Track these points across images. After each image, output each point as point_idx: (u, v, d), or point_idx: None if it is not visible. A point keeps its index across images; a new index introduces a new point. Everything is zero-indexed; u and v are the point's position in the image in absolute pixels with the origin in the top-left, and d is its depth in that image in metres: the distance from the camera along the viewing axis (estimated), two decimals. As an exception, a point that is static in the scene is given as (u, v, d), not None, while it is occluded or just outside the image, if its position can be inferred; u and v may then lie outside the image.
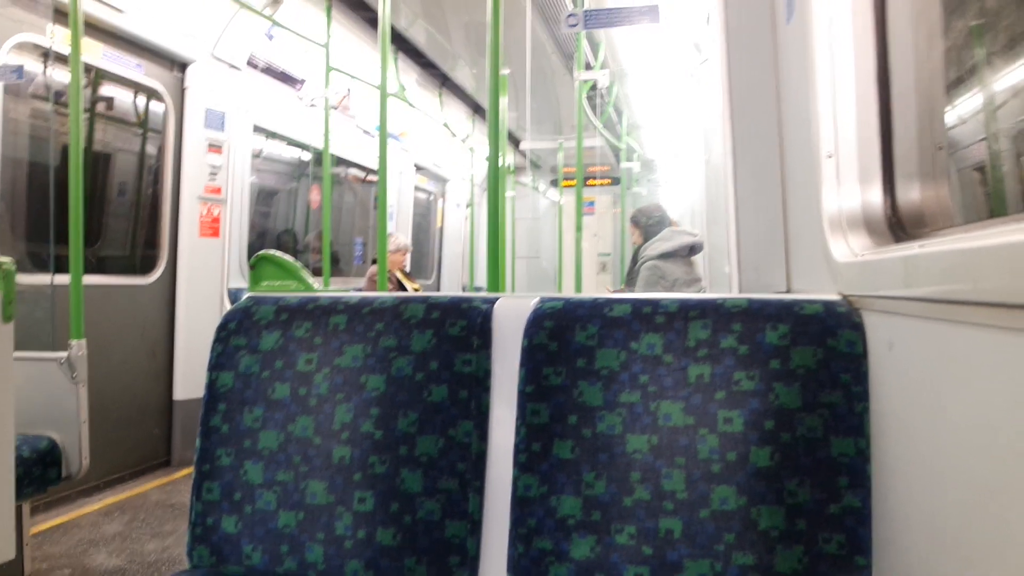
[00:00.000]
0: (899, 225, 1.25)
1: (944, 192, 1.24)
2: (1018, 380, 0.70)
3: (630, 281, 4.94)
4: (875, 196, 1.29)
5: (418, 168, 9.07)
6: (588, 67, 5.65)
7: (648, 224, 4.75)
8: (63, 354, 2.58)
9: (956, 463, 0.86)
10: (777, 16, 1.75)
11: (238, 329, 1.56)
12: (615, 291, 5.92)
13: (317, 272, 5.35)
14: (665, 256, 4.43)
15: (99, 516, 3.89)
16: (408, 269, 6.51)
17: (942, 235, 1.09)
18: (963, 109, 1.48)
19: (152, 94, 4.70)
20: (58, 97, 4.01)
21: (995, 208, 1.45)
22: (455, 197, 10.71)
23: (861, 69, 1.32)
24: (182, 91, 4.87)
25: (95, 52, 4.20)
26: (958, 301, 0.81)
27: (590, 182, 10.78)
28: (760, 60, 1.80)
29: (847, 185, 1.30)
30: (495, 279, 2.73)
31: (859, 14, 1.32)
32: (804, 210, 1.52)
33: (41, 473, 2.41)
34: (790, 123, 1.68)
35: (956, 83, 1.40)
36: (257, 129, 5.70)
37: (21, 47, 3.75)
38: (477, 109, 9.03)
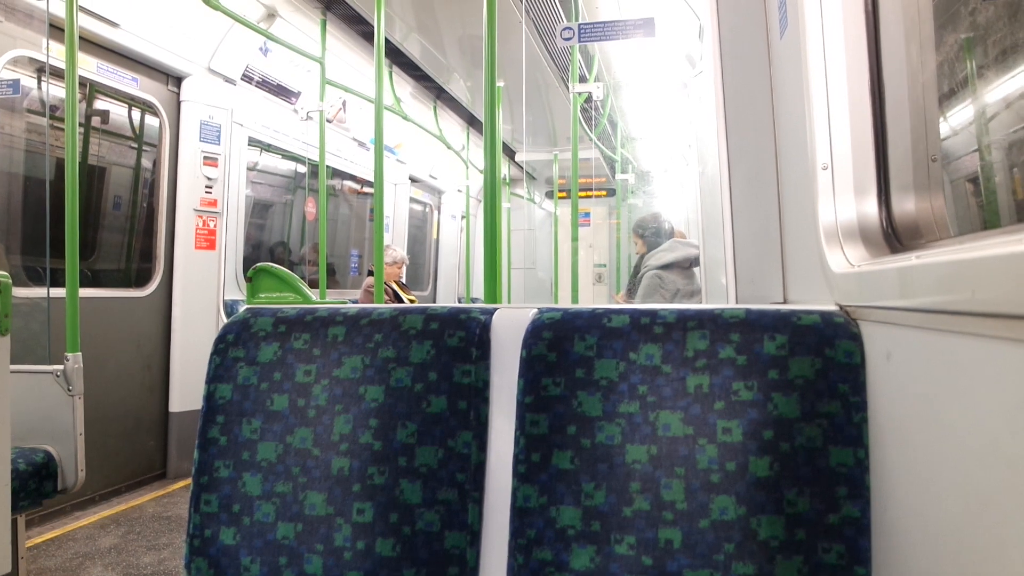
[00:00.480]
0: (895, 236, 1.26)
1: (939, 203, 1.25)
2: (1016, 389, 0.71)
3: (632, 289, 4.97)
4: (870, 207, 1.30)
5: (413, 180, 9.08)
6: (583, 79, 5.68)
7: (650, 234, 4.80)
8: (59, 367, 2.58)
9: (955, 472, 0.86)
10: (770, 30, 1.76)
11: (236, 341, 1.56)
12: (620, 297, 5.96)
13: (313, 284, 5.35)
14: (667, 266, 4.47)
15: (95, 529, 3.87)
16: (404, 280, 6.51)
17: (938, 246, 1.10)
18: (956, 121, 1.49)
19: (147, 108, 4.72)
20: (53, 111, 4.02)
21: (989, 219, 1.46)
22: (450, 209, 10.73)
23: (854, 82, 1.33)
24: (178, 105, 4.90)
25: (90, 66, 4.22)
26: (955, 311, 0.81)
27: (585, 193, 10.83)
28: (754, 74, 1.82)
29: (842, 196, 1.31)
30: (492, 290, 2.73)
31: (852, 27, 1.34)
32: (800, 221, 1.52)
33: (37, 486, 2.40)
34: (785, 135, 1.69)
35: (949, 95, 1.42)
36: (252, 142, 5.71)
37: (16, 62, 3.76)
38: (472, 121, 9.05)
